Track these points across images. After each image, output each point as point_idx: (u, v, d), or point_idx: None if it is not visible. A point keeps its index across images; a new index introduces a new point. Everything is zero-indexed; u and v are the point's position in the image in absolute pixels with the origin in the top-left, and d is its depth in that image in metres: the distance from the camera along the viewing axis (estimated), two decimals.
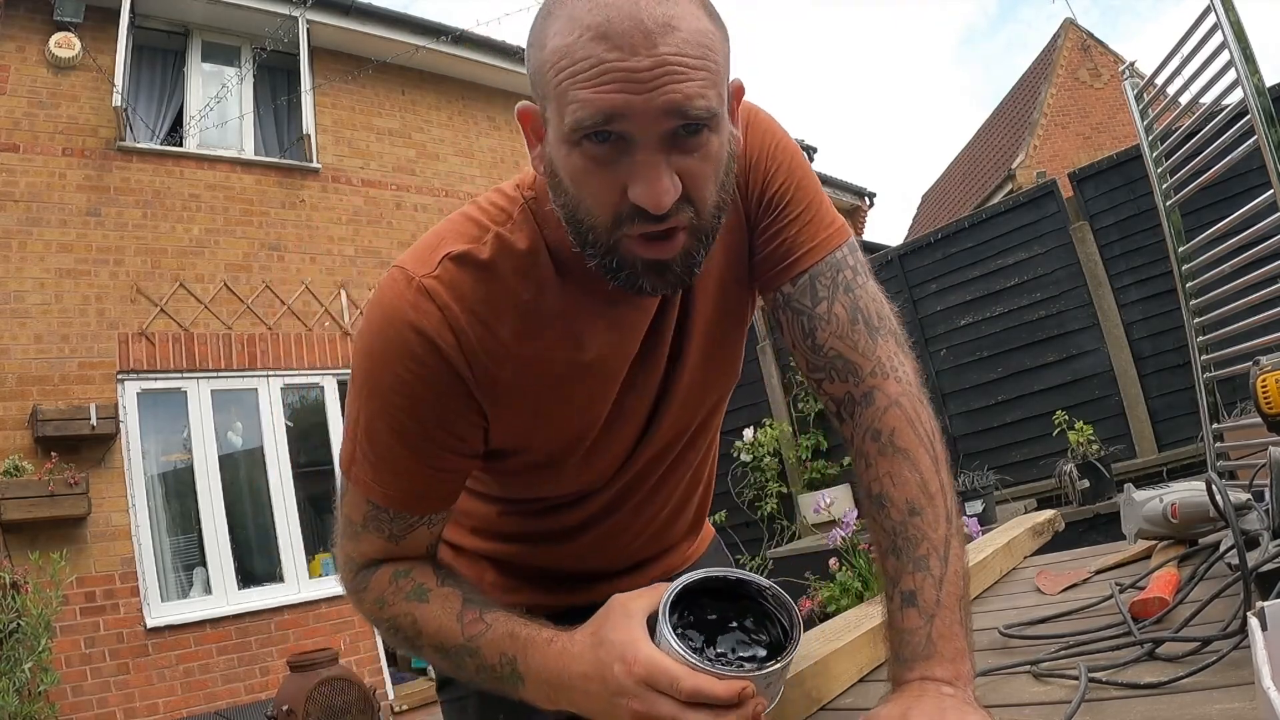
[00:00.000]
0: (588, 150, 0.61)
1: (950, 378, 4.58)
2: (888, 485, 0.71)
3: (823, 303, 0.78)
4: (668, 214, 0.62)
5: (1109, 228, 4.06)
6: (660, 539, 1.02)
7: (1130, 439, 3.97)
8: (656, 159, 0.60)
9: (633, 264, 0.66)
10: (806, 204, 0.79)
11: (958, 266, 4.56)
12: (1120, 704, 0.61)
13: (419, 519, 0.78)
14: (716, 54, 0.62)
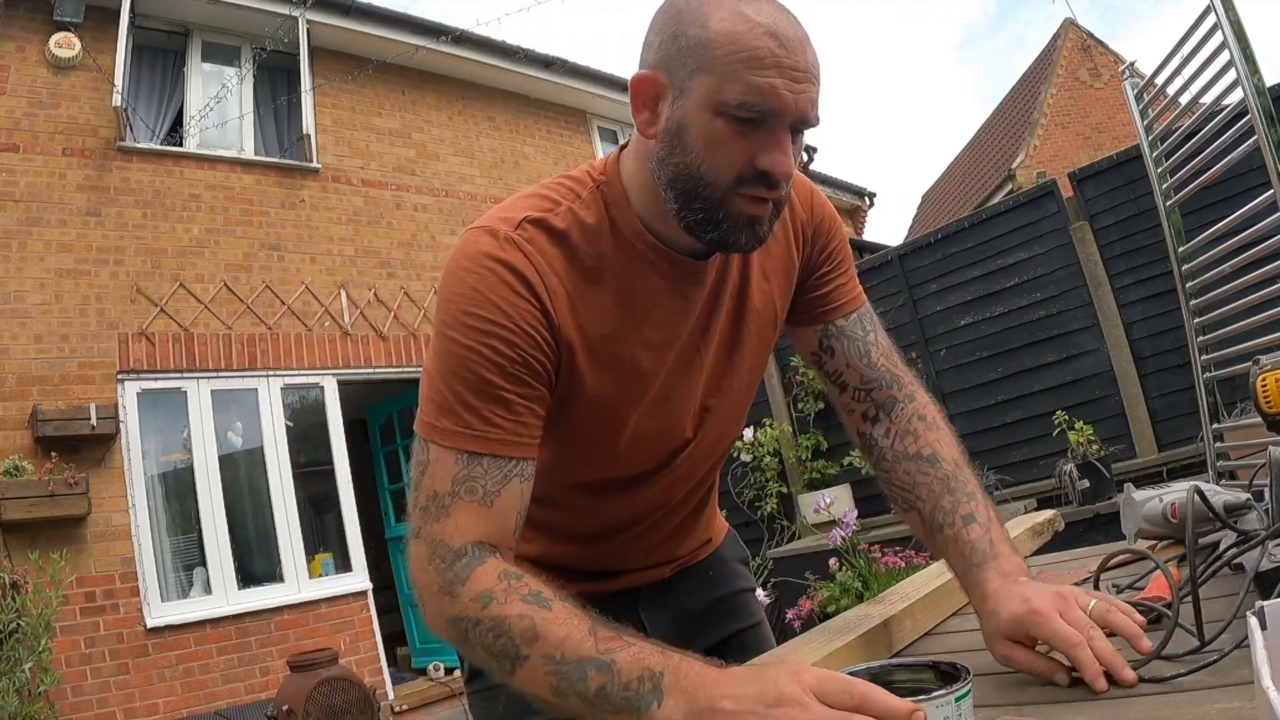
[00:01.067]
0: (733, 121, 0.73)
1: (950, 378, 4.58)
2: (938, 448, 0.91)
3: (871, 333, 0.99)
4: (778, 185, 0.76)
5: (1109, 228, 4.06)
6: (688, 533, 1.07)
7: (1130, 439, 3.97)
8: (789, 140, 0.75)
9: (736, 217, 0.77)
10: (850, 265, 1.01)
11: (958, 266, 4.56)
12: (1120, 703, 0.61)
13: (513, 466, 0.79)
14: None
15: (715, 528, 1.16)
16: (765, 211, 0.78)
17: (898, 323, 4.75)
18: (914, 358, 4.64)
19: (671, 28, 0.77)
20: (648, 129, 0.80)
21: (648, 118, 0.79)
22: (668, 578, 1.08)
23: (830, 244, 0.98)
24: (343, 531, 5.75)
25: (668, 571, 1.08)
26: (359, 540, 5.74)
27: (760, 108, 0.72)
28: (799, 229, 0.95)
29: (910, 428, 0.93)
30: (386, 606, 6.20)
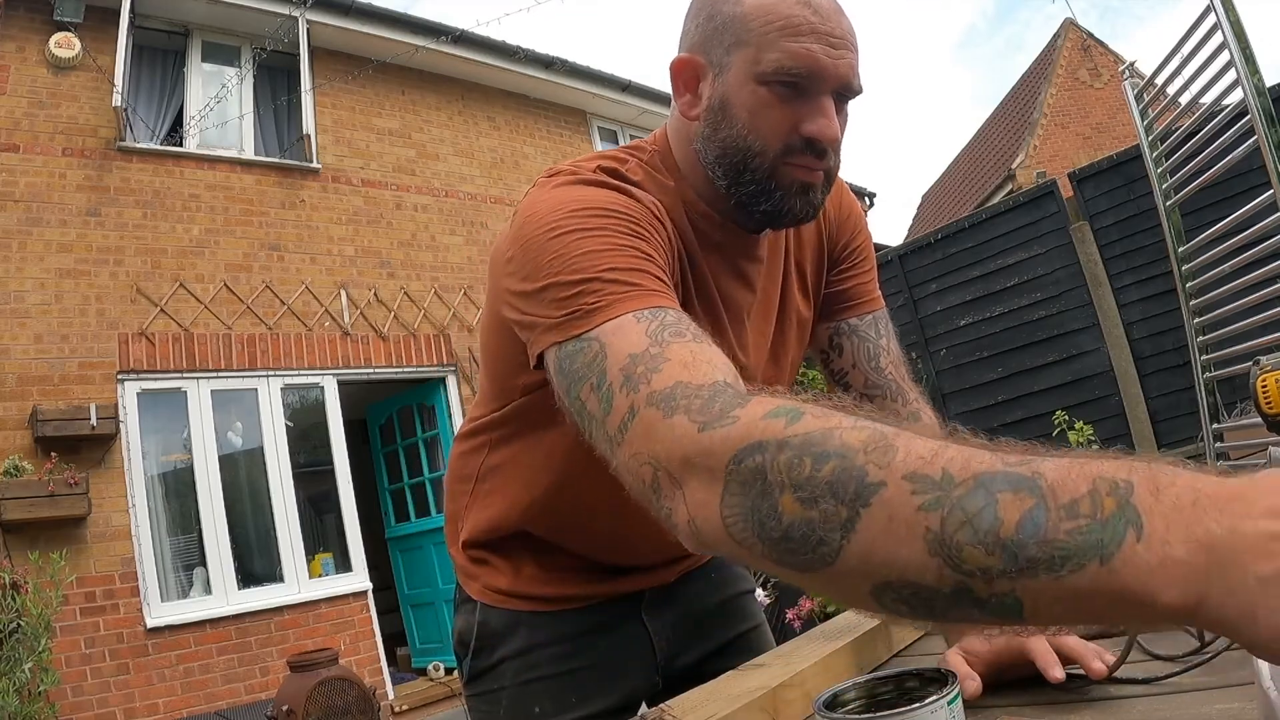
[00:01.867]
0: (775, 90, 0.74)
1: (950, 378, 4.58)
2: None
3: (884, 338, 0.98)
4: (824, 153, 0.76)
5: (1109, 228, 4.07)
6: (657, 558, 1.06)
7: (1130, 439, 3.97)
8: (831, 105, 0.75)
9: (789, 185, 0.77)
10: (873, 265, 1.01)
11: (958, 266, 4.56)
12: (1119, 703, 0.61)
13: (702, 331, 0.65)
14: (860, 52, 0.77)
15: None
16: (817, 179, 0.78)
17: (898, 323, 4.74)
18: (914, 358, 4.64)
19: (707, 10, 0.78)
20: (690, 110, 0.80)
21: (689, 100, 0.80)
22: (671, 582, 1.08)
23: (855, 240, 0.98)
24: (343, 531, 5.75)
25: (672, 576, 1.07)
26: (359, 540, 5.74)
27: (800, 73, 0.73)
28: (827, 221, 0.96)
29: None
30: (386, 606, 6.20)
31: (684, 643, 1.08)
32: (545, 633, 1.00)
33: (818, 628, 0.96)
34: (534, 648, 0.99)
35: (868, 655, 0.87)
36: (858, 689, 0.60)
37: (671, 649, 1.07)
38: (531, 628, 1.00)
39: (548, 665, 0.99)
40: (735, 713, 0.69)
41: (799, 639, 0.93)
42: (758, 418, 0.49)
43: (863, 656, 0.86)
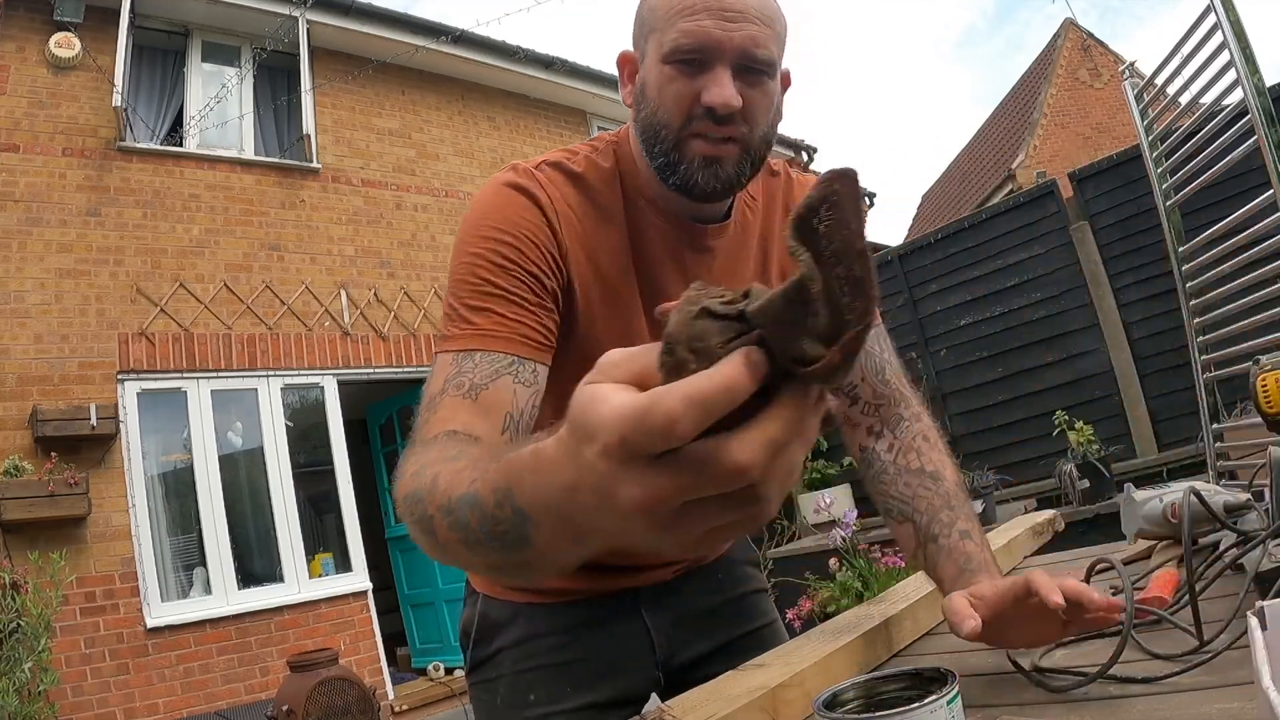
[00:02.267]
0: (677, 66, 0.79)
1: (950, 378, 4.58)
2: (941, 468, 0.93)
3: (886, 352, 1.00)
4: (727, 121, 0.79)
5: (1109, 228, 4.07)
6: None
7: (1130, 439, 3.97)
8: (728, 74, 0.78)
9: (692, 159, 0.81)
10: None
11: (958, 266, 4.56)
12: (1119, 703, 0.61)
13: (506, 362, 0.77)
14: (779, 23, 0.82)
15: None
16: (725, 152, 0.81)
17: (898, 323, 4.75)
18: (914, 358, 4.64)
19: (637, 8, 0.86)
20: (628, 100, 0.87)
21: (628, 90, 0.87)
22: (670, 580, 1.08)
23: None
24: (343, 531, 5.75)
25: (669, 574, 1.08)
26: (359, 540, 5.74)
27: (694, 48, 0.78)
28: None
29: (915, 445, 0.95)
30: (386, 606, 6.20)
31: (686, 640, 1.08)
32: (542, 624, 1.03)
33: (817, 628, 0.96)
34: (530, 638, 1.02)
35: (868, 655, 0.87)
36: (857, 689, 0.60)
37: (672, 646, 1.07)
38: (529, 619, 1.03)
39: (543, 656, 1.02)
40: (735, 713, 0.69)
41: (799, 639, 0.93)
42: (407, 475, 0.66)
43: (863, 656, 0.86)
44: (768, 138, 0.84)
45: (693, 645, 1.09)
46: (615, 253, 0.87)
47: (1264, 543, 0.71)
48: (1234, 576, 0.79)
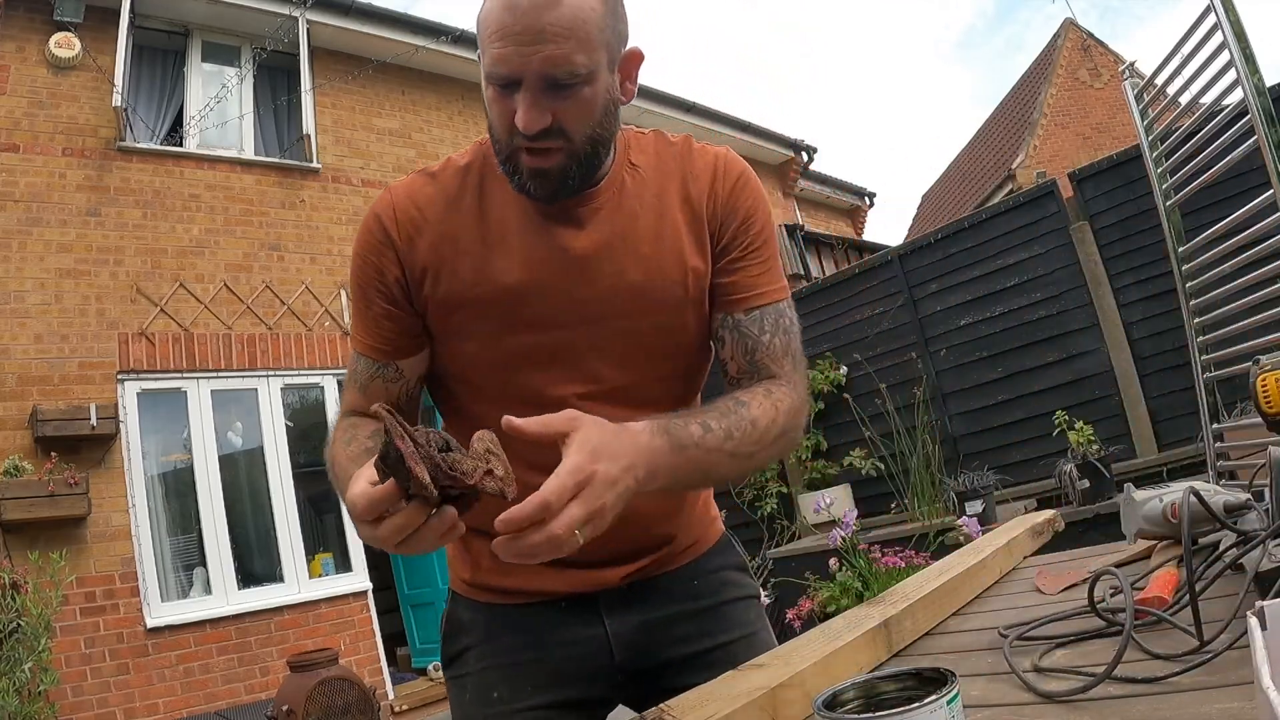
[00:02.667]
0: (495, 89, 0.85)
1: (950, 378, 4.58)
2: (750, 398, 0.92)
3: (766, 334, 0.98)
4: (540, 137, 0.85)
5: (1109, 228, 4.06)
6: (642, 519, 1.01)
7: (1130, 439, 3.97)
8: (531, 97, 0.83)
9: (521, 170, 0.88)
10: (770, 255, 1.01)
11: (958, 266, 4.56)
12: (1119, 703, 0.61)
13: (376, 369, 0.99)
14: (591, 26, 0.83)
15: (693, 529, 1.12)
16: (549, 162, 0.87)
17: (898, 323, 4.75)
18: (914, 357, 4.64)
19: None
20: None
21: None
22: (631, 586, 1.05)
23: (744, 233, 0.99)
24: (343, 531, 5.75)
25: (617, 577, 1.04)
26: (359, 540, 5.72)
27: (501, 75, 0.83)
28: (706, 200, 0.98)
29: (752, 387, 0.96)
30: (386, 606, 6.20)
31: (652, 647, 1.06)
32: (503, 624, 1.07)
33: (817, 628, 0.96)
34: (493, 637, 1.06)
35: (868, 655, 0.87)
36: (857, 689, 0.60)
37: (635, 653, 1.05)
38: (492, 619, 1.07)
39: (505, 655, 1.05)
40: (735, 713, 0.69)
41: (799, 639, 0.93)
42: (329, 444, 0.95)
43: (862, 656, 0.86)
44: (596, 135, 0.88)
45: (659, 653, 1.06)
46: (467, 230, 0.96)
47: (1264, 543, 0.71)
48: (1234, 576, 0.79)
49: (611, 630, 1.05)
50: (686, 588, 1.09)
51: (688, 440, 0.82)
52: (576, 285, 0.94)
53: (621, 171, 0.98)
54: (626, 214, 0.96)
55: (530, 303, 0.94)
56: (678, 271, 0.97)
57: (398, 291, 0.96)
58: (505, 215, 0.95)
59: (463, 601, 1.11)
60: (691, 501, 1.10)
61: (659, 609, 1.07)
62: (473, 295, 0.94)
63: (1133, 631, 0.70)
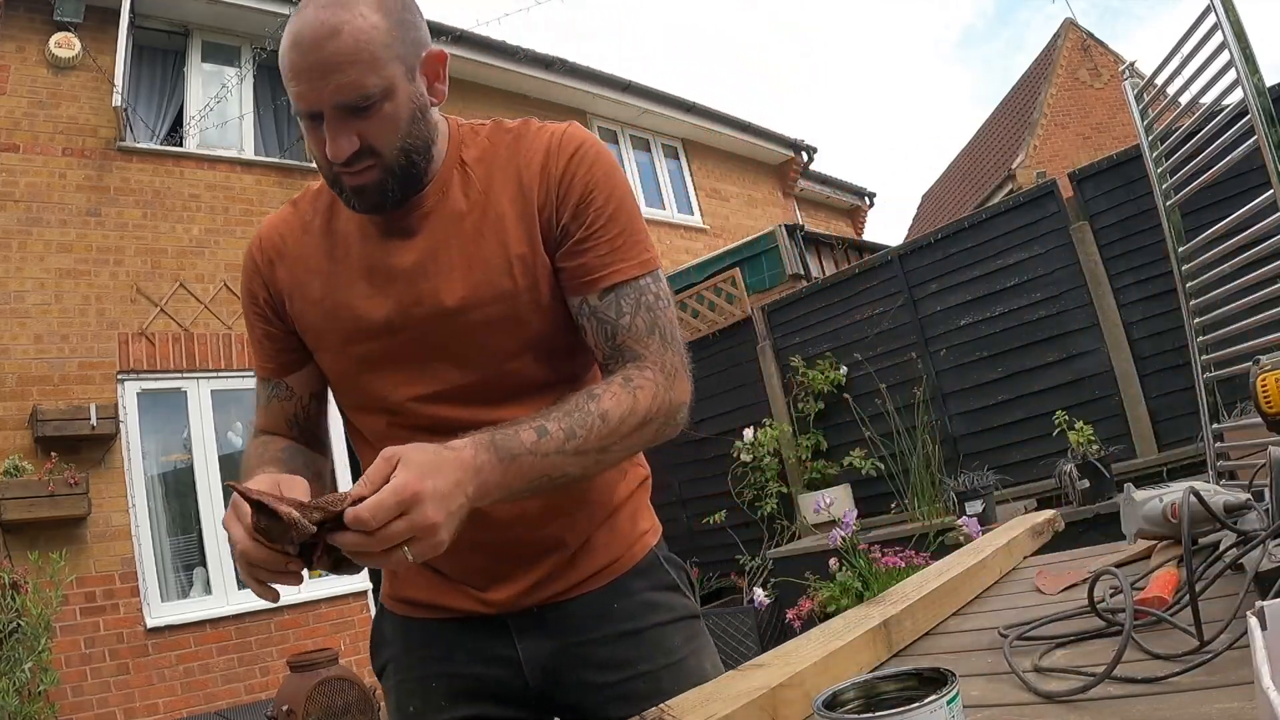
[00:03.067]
0: (307, 121, 0.89)
1: (950, 378, 4.58)
2: (603, 390, 0.90)
3: (625, 316, 0.95)
4: (352, 161, 0.88)
5: (1109, 228, 4.06)
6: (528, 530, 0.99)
7: (1130, 439, 3.96)
8: (334, 127, 0.87)
9: (343, 189, 0.93)
10: (620, 229, 0.97)
11: (958, 266, 4.55)
12: (1119, 703, 0.61)
13: (270, 389, 1.08)
14: (375, 46, 0.85)
15: (614, 545, 1.06)
16: (365, 180, 0.90)
17: (898, 323, 4.75)
18: (914, 357, 4.64)
19: None
20: None
21: None
22: (546, 604, 1.02)
23: (582, 206, 0.96)
24: None
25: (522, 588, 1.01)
26: None
27: (303, 111, 0.88)
28: (538, 184, 0.96)
29: (611, 373, 0.94)
30: None
31: (564, 675, 1.03)
32: (419, 638, 1.08)
33: (817, 628, 0.96)
34: (409, 651, 1.08)
35: (867, 655, 0.87)
36: (857, 689, 0.60)
37: (548, 680, 1.02)
38: (410, 633, 1.09)
39: (418, 668, 1.07)
40: (735, 712, 0.69)
41: (799, 639, 0.93)
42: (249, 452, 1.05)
43: (862, 656, 0.86)
44: (408, 146, 0.91)
45: (574, 680, 1.02)
46: (316, 250, 1.02)
47: (1264, 543, 0.71)
48: (1234, 576, 0.79)
49: (524, 654, 1.02)
50: (605, 612, 1.03)
51: (518, 449, 0.81)
52: (406, 292, 0.96)
53: (450, 171, 0.98)
54: (452, 215, 0.97)
55: (368, 312, 0.98)
56: (501, 261, 0.95)
57: (269, 311, 1.05)
58: (348, 231, 1.01)
59: (386, 615, 1.13)
60: (590, 506, 1.04)
61: (574, 634, 1.02)
62: (321, 310, 1.01)
63: (1133, 631, 0.70)
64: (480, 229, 0.96)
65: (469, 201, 0.97)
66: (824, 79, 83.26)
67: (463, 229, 0.96)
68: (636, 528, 1.09)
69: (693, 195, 9.59)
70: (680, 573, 1.11)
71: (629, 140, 9.10)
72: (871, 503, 4.69)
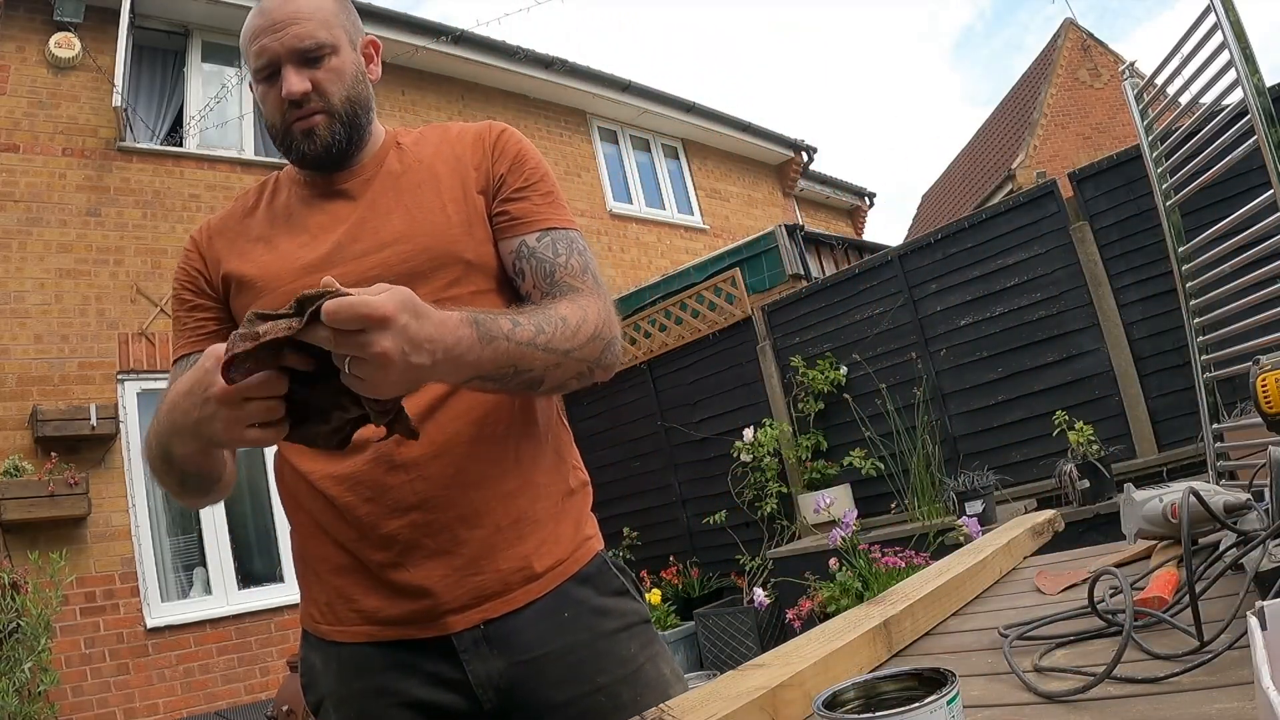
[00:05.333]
0: (263, 82, 1.02)
1: (950, 378, 4.58)
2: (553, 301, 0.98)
3: (562, 255, 1.04)
4: (304, 103, 1.00)
5: (1109, 228, 4.06)
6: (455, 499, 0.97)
7: (1130, 439, 3.96)
8: (290, 72, 0.99)
9: (294, 135, 1.02)
10: (550, 191, 1.08)
11: (958, 266, 4.55)
12: (1119, 703, 0.61)
13: (190, 360, 1.05)
14: (326, 12, 1.03)
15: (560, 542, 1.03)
16: (314, 123, 1.01)
17: (898, 322, 4.75)
18: (914, 357, 4.64)
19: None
20: None
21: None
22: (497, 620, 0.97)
23: (516, 166, 1.07)
24: None
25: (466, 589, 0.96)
26: None
27: (264, 65, 1.00)
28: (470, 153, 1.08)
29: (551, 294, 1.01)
30: None
31: (521, 694, 0.97)
32: (355, 669, 0.99)
33: (817, 628, 0.96)
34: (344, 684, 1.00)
35: (867, 655, 0.87)
36: (857, 689, 0.60)
37: (504, 701, 0.97)
38: (341, 663, 1.00)
39: (359, 702, 0.98)
40: (735, 713, 0.69)
41: (799, 639, 0.93)
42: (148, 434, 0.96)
43: (862, 656, 0.86)
44: (352, 97, 1.03)
45: (532, 697, 0.97)
46: (258, 222, 1.08)
47: (1264, 543, 0.71)
48: (1234, 576, 0.79)
49: (473, 676, 0.96)
50: (555, 622, 0.99)
51: (497, 332, 0.85)
52: (346, 233, 1.03)
53: (388, 150, 1.10)
54: (390, 176, 1.07)
55: (309, 253, 1.03)
56: (437, 203, 1.05)
57: (203, 283, 1.08)
58: (290, 204, 1.09)
59: (313, 644, 1.04)
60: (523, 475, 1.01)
61: (523, 650, 0.98)
62: (261, 263, 1.05)
63: (1133, 631, 0.70)
64: (418, 183, 1.06)
65: (404, 166, 1.08)
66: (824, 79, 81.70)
67: (400, 184, 1.06)
68: (580, 531, 1.06)
69: (693, 195, 9.59)
70: (627, 578, 1.09)
71: (629, 140, 9.11)
72: (871, 503, 4.69)
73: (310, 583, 1.06)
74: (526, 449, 1.02)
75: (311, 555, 1.06)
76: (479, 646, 0.97)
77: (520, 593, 0.98)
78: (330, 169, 1.06)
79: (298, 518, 1.09)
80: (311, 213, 1.06)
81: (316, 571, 1.05)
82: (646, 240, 8.71)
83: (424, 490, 0.97)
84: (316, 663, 1.03)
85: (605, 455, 5.96)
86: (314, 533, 1.05)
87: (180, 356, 1.08)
